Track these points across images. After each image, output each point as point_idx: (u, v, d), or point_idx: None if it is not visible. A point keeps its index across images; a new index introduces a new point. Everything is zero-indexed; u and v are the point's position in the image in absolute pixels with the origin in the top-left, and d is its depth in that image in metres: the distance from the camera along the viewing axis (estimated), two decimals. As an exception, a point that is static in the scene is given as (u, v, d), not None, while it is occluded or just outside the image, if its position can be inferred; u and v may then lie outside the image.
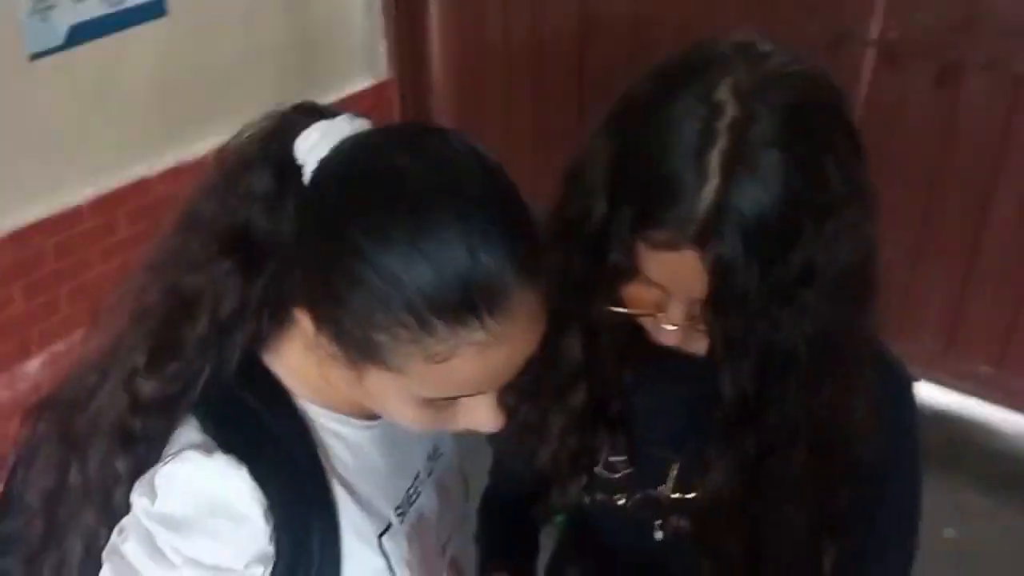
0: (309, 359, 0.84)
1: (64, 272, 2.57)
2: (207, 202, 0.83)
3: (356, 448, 0.90)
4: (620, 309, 0.90)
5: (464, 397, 0.80)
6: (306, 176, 0.79)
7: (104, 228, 2.62)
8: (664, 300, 0.87)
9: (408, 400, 0.80)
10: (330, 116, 0.81)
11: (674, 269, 0.82)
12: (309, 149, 0.79)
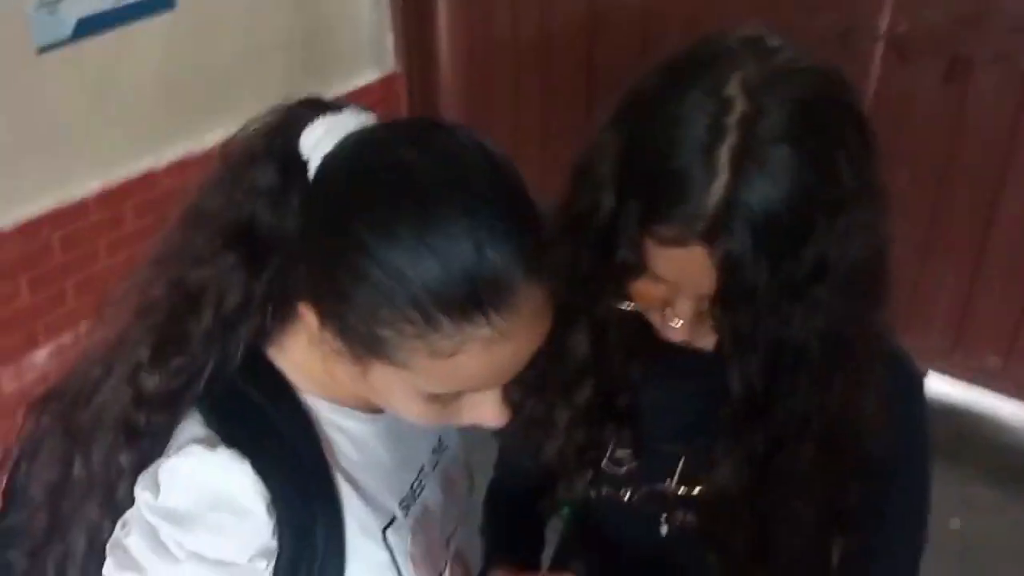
0: (313, 353, 0.83)
1: (71, 265, 2.57)
2: (212, 197, 0.83)
3: (360, 442, 0.90)
4: (627, 305, 0.90)
5: (469, 392, 0.80)
6: (311, 171, 0.79)
7: (111, 221, 2.62)
8: (672, 296, 0.86)
9: (413, 395, 0.79)
10: (335, 110, 0.81)
11: (682, 265, 0.82)
12: (314, 144, 0.79)
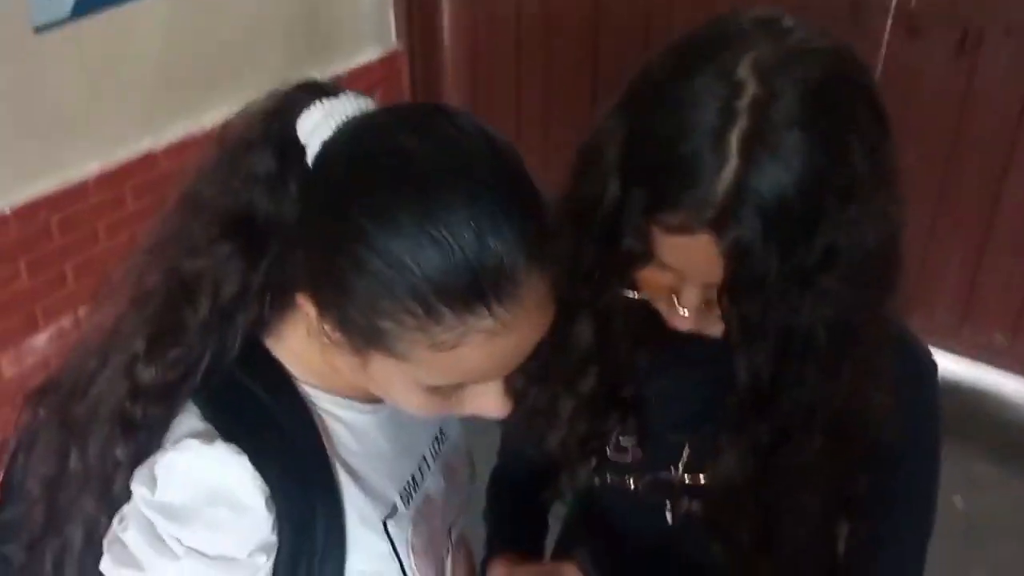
0: (312, 344, 0.82)
1: (70, 247, 2.56)
2: (208, 184, 0.81)
3: (360, 432, 0.89)
4: (633, 294, 0.88)
5: (471, 384, 0.79)
6: (309, 157, 0.77)
7: (110, 203, 2.61)
8: (679, 284, 0.84)
9: (413, 387, 0.78)
10: (333, 94, 0.79)
11: (689, 254, 0.80)
12: (312, 129, 0.77)
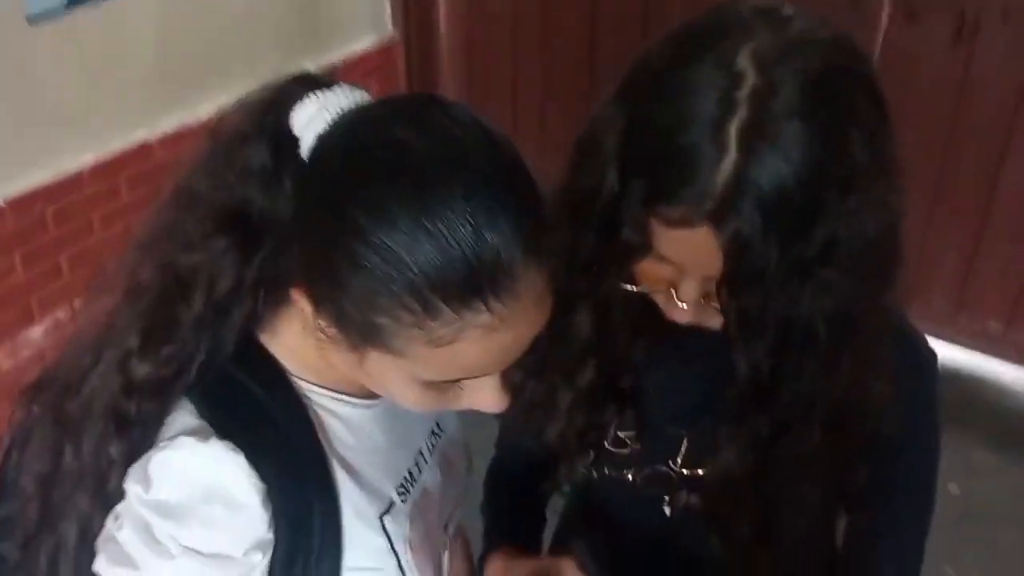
0: (307, 339, 0.81)
1: (65, 239, 2.55)
2: (202, 178, 0.80)
3: (356, 428, 0.88)
4: (631, 287, 0.87)
5: (468, 379, 0.78)
6: (304, 150, 0.76)
7: (105, 194, 2.59)
8: (677, 277, 0.83)
9: (410, 383, 0.77)
10: (328, 87, 0.78)
11: (688, 246, 0.79)
12: (307, 122, 0.76)
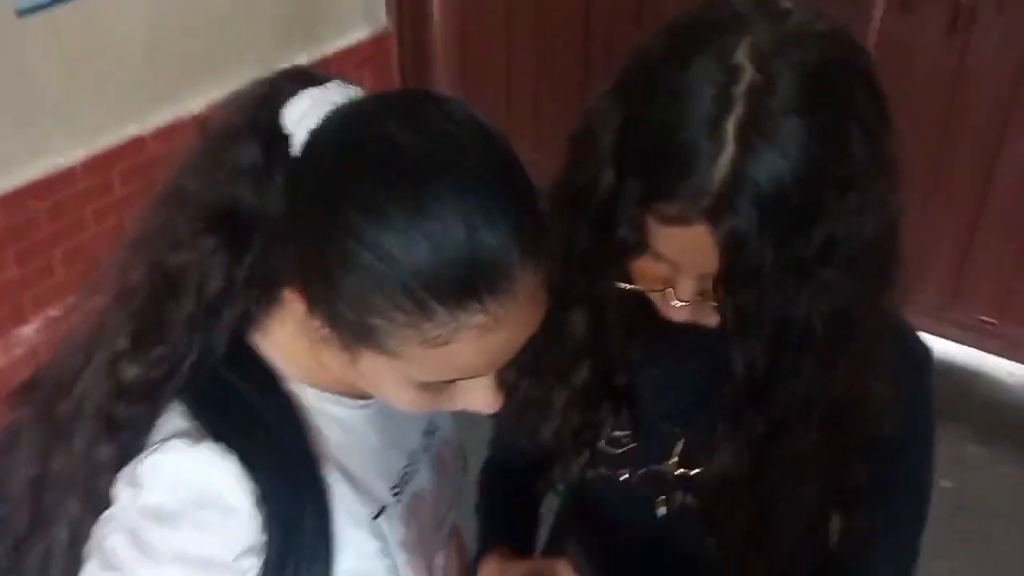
0: (300, 340, 0.81)
1: (58, 235, 2.54)
2: (191, 176, 0.79)
3: (349, 429, 0.87)
4: (627, 285, 0.87)
5: (462, 379, 0.77)
6: (296, 147, 0.75)
7: (98, 189, 2.58)
8: (674, 275, 0.83)
9: (404, 384, 0.77)
10: (320, 82, 0.77)
11: (685, 244, 0.78)
12: (299, 118, 0.75)
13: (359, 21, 3.29)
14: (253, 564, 0.79)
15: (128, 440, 0.79)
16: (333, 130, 0.74)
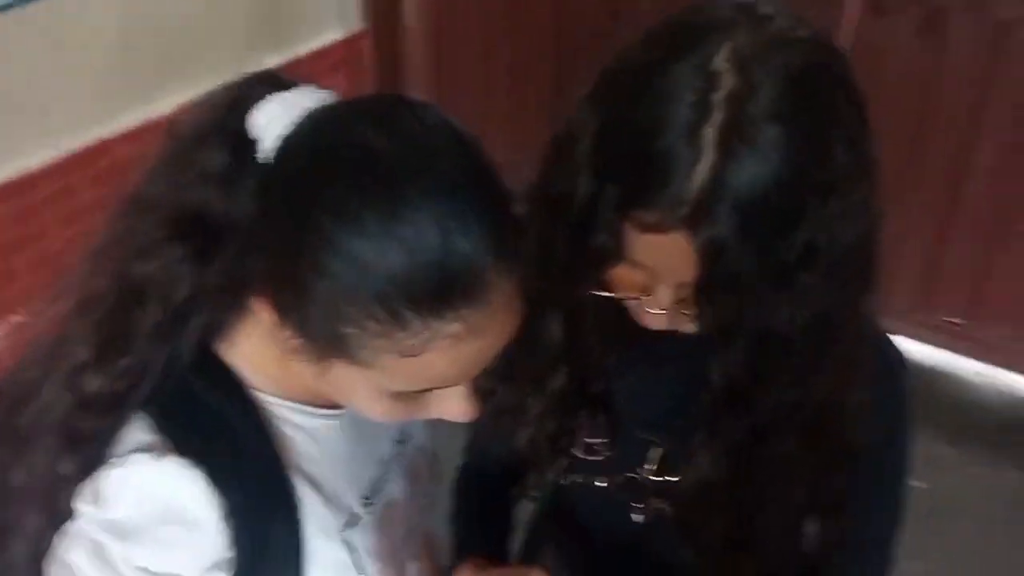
0: (268, 349, 0.79)
1: (21, 240, 2.48)
2: (157, 181, 0.78)
3: (319, 439, 0.86)
4: (604, 292, 0.85)
5: (437, 389, 0.76)
6: (265, 152, 0.74)
7: (63, 193, 2.53)
8: (652, 283, 0.81)
9: (377, 394, 0.75)
10: (290, 86, 0.76)
11: (663, 252, 0.77)
12: (267, 123, 0.74)
13: (333, 22, 3.27)
14: None
15: (90, 453, 0.77)
16: (305, 135, 0.72)
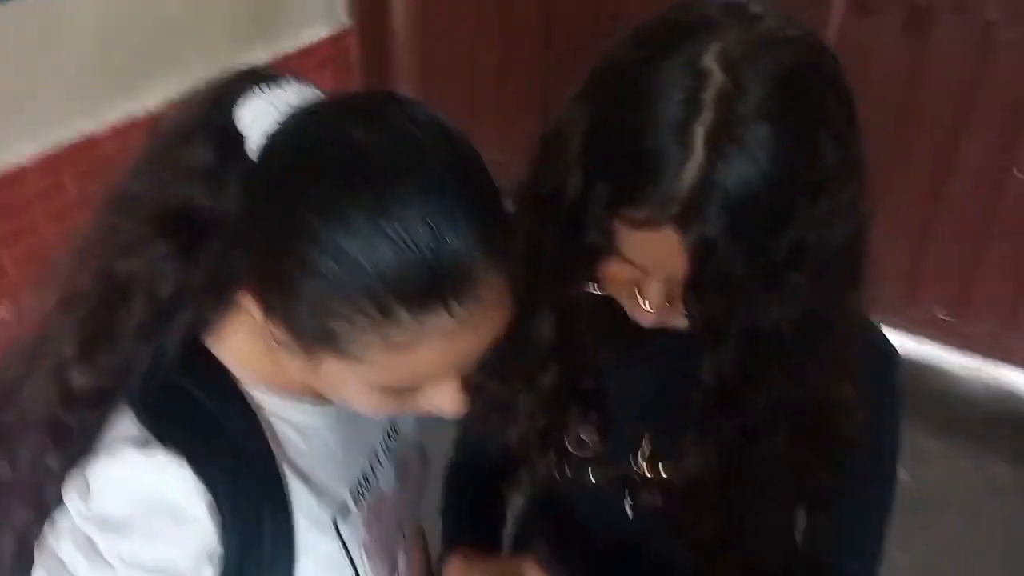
0: (256, 344, 0.79)
1: (9, 236, 2.47)
2: (142, 178, 0.78)
3: (308, 433, 0.86)
4: (595, 289, 0.86)
5: (427, 383, 0.76)
6: (251, 149, 0.74)
7: (50, 188, 2.52)
8: (642, 279, 0.82)
9: (366, 389, 0.75)
10: (276, 83, 0.76)
11: (653, 249, 0.77)
12: (253, 119, 0.74)
13: (319, 19, 3.26)
14: (210, 571, 0.77)
15: (77, 447, 0.77)
16: (291, 132, 0.72)
